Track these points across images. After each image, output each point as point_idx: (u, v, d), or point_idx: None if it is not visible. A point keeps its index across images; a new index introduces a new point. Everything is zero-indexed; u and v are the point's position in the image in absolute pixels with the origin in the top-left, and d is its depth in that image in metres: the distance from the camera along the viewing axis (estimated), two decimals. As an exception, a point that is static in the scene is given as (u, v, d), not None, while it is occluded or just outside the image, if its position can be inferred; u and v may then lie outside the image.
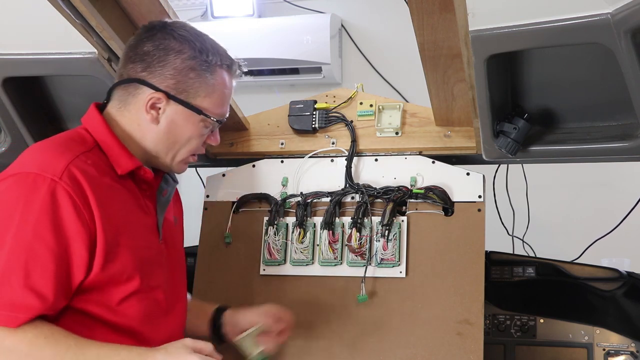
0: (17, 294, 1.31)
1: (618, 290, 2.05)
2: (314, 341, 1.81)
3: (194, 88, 1.50)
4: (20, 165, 1.40)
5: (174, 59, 1.49)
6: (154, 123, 1.50)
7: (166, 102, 1.49)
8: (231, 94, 1.59)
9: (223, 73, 1.54)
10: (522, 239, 2.61)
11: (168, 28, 1.51)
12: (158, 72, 1.49)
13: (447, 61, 1.63)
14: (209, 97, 1.52)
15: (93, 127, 1.51)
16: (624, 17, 1.22)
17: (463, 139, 1.89)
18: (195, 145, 1.56)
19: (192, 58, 1.49)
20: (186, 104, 1.50)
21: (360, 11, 3.69)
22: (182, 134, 1.52)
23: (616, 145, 1.60)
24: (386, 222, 1.82)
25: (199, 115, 1.51)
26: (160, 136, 1.52)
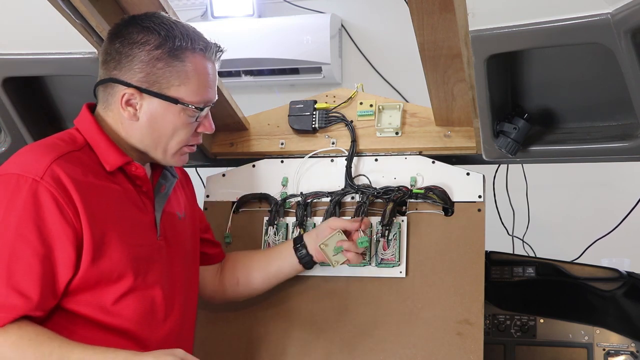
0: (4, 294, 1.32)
1: (618, 290, 2.05)
2: (313, 341, 1.81)
3: (165, 78, 1.47)
4: (4, 167, 1.41)
5: (139, 52, 1.46)
6: (134, 120, 1.49)
7: (140, 97, 1.47)
8: (212, 77, 1.53)
9: (196, 58, 1.49)
10: (522, 239, 2.61)
11: (134, 21, 1.49)
12: (127, 68, 1.47)
13: (447, 61, 1.63)
14: (183, 85, 1.48)
15: (83, 126, 1.51)
16: (624, 17, 1.22)
17: (463, 139, 1.89)
18: (185, 136, 1.52)
19: (157, 47, 1.46)
20: (160, 95, 1.47)
21: (360, 11, 3.69)
22: (165, 126, 1.50)
23: (616, 145, 1.60)
24: (386, 222, 1.82)
25: (177, 105, 1.48)
26: (144, 132, 1.50)
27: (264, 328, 1.85)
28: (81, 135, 1.50)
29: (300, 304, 1.86)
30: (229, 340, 1.87)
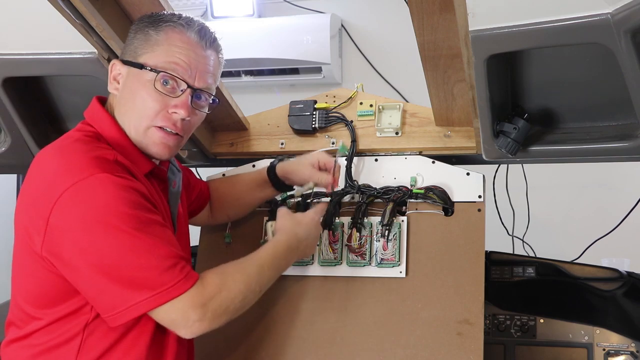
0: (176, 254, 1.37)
1: (618, 290, 2.05)
2: (313, 341, 1.81)
3: (139, 47, 1.50)
4: (70, 171, 1.36)
5: (130, 33, 1.54)
6: (117, 93, 1.52)
7: (120, 68, 1.51)
8: (190, 54, 1.49)
9: (175, 31, 1.50)
10: (522, 239, 2.61)
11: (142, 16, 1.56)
12: (123, 49, 1.55)
13: (447, 61, 1.63)
14: (151, 52, 1.49)
15: (101, 124, 1.50)
16: (624, 17, 1.22)
17: (463, 139, 1.89)
18: (153, 111, 1.47)
19: (140, 22, 1.52)
20: (130, 62, 1.49)
21: (360, 11, 3.70)
22: (135, 94, 1.48)
23: (616, 145, 1.60)
24: (386, 222, 1.82)
25: (141, 69, 1.47)
26: (122, 104, 1.51)
27: (264, 328, 1.85)
28: (98, 131, 1.50)
29: (300, 304, 1.86)
30: (228, 340, 1.86)
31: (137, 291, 1.33)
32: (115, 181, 1.35)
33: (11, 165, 2.11)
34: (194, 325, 1.38)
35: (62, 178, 1.35)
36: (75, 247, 1.33)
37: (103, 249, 1.32)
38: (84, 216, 1.32)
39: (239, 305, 1.45)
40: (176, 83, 1.49)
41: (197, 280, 1.38)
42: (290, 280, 1.88)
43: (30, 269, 1.41)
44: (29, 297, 1.44)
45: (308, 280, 1.87)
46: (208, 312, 1.38)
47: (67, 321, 1.41)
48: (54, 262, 1.36)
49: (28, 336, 1.44)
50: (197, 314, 1.37)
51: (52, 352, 1.42)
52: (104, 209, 1.33)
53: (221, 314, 1.41)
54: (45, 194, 1.35)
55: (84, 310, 1.41)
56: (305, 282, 1.87)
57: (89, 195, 1.33)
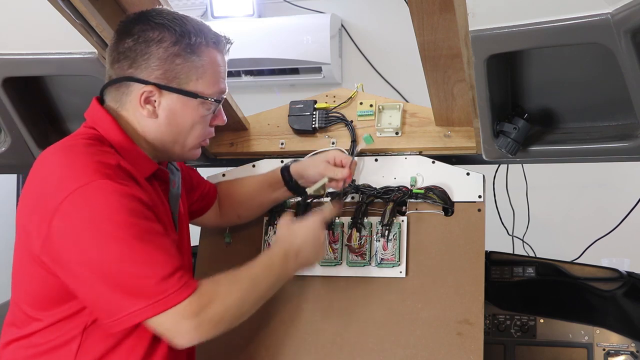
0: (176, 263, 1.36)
1: (618, 290, 2.05)
2: (313, 341, 1.81)
3: (184, 73, 1.48)
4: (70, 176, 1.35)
5: (156, 49, 1.46)
6: (153, 117, 1.48)
7: (159, 94, 1.47)
8: (225, 69, 1.56)
9: (211, 51, 1.51)
10: (522, 239, 2.61)
11: (144, 18, 1.48)
12: (144, 66, 1.46)
13: (447, 61, 1.63)
14: (201, 79, 1.49)
15: (103, 126, 1.49)
16: (624, 17, 1.22)
17: (463, 139, 1.89)
18: (202, 130, 1.54)
19: (174, 44, 1.46)
20: (180, 90, 1.48)
21: (360, 11, 3.70)
22: (184, 121, 1.50)
23: (616, 145, 1.60)
24: (386, 222, 1.82)
25: (196, 99, 1.49)
26: (163, 129, 1.50)
27: (264, 328, 1.85)
28: (101, 134, 1.48)
29: (300, 304, 1.86)
30: (228, 340, 1.86)
31: (134, 299, 1.32)
32: (116, 188, 1.34)
33: (11, 165, 2.11)
34: (188, 335, 1.37)
35: (64, 183, 1.34)
36: (75, 253, 1.33)
37: (102, 256, 1.32)
38: (84, 222, 1.32)
39: (234, 315, 1.43)
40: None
41: (194, 290, 1.36)
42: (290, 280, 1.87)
43: (29, 270, 1.41)
44: (28, 298, 1.44)
45: (308, 281, 1.87)
46: (203, 322, 1.36)
47: (65, 323, 1.41)
48: (52, 266, 1.36)
49: (28, 337, 1.44)
50: (192, 324, 1.35)
51: (50, 353, 1.41)
52: (104, 216, 1.32)
53: (216, 324, 1.39)
54: (48, 198, 1.34)
55: (82, 313, 1.41)
56: (305, 282, 1.87)
57: (91, 201, 1.32)
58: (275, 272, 1.54)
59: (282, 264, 1.55)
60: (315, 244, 1.63)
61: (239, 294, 1.44)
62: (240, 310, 1.45)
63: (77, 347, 1.41)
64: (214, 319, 1.38)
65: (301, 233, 1.62)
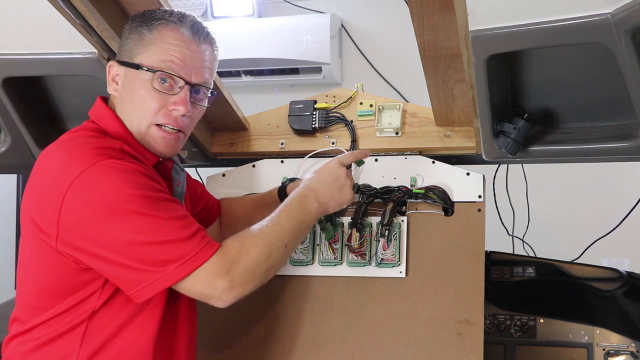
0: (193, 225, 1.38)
1: (618, 290, 2.05)
2: (313, 341, 1.81)
3: (133, 47, 1.50)
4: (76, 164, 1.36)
5: (124, 33, 1.53)
6: (117, 94, 1.52)
7: (117, 69, 1.51)
8: (184, 51, 1.50)
9: (167, 28, 1.50)
10: (522, 239, 2.61)
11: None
12: (119, 50, 1.55)
13: (447, 61, 1.63)
14: (145, 52, 1.49)
15: (105, 122, 1.51)
16: (624, 17, 1.22)
17: (463, 139, 1.89)
18: (153, 110, 1.49)
19: (133, 22, 1.52)
20: (126, 63, 1.50)
21: (360, 11, 3.70)
22: (134, 95, 1.50)
23: (616, 145, 1.60)
24: (386, 222, 1.82)
25: (137, 70, 1.48)
26: (122, 104, 1.52)
27: (264, 328, 1.85)
28: (103, 128, 1.50)
29: (300, 304, 1.86)
30: (228, 340, 1.87)
31: (160, 266, 1.34)
32: (121, 166, 1.36)
33: (11, 165, 2.11)
34: (224, 294, 1.39)
35: (69, 169, 1.36)
36: (92, 235, 1.34)
37: (119, 234, 1.33)
38: (95, 203, 1.34)
39: (266, 266, 1.45)
40: (173, 81, 1.49)
41: (218, 248, 1.39)
42: (291, 280, 1.88)
43: (42, 262, 1.41)
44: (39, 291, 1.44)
45: (308, 280, 1.87)
46: (235, 279, 1.38)
47: (74, 310, 1.42)
48: (71, 252, 1.37)
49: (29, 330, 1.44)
50: (224, 282, 1.37)
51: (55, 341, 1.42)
52: (115, 194, 1.34)
53: (249, 279, 1.41)
54: (54, 186, 1.36)
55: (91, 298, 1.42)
56: (305, 282, 1.87)
57: (98, 182, 1.34)
58: (295, 215, 1.54)
59: (301, 206, 1.56)
60: (334, 181, 1.63)
61: (264, 246, 1.45)
62: (269, 261, 1.46)
63: (83, 331, 1.42)
64: (245, 274, 1.40)
65: (317, 173, 1.64)
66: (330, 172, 1.64)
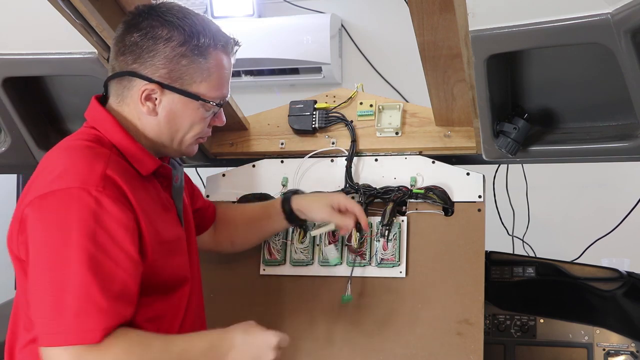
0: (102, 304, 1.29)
1: (618, 290, 2.05)
2: (313, 341, 1.81)
3: (189, 74, 1.45)
4: (55, 178, 1.34)
5: (163, 48, 1.43)
6: (152, 115, 1.47)
7: (161, 92, 1.45)
8: (230, 72, 1.53)
9: (218, 54, 1.48)
10: (522, 239, 2.61)
11: (154, 13, 1.45)
12: (149, 63, 1.44)
13: (447, 61, 1.63)
14: (205, 82, 1.47)
15: (104, 127, 1.47)
16: (624, 17, 1.22)
17: (463, 139, 1.89)
18: (200, 129, 1.52)
19: (182, 44, 1.43)
20: (182, 91, 1.46)
21: (360, 11, 3.69)
22: (183, 121, 1.49)
23: (616, 145, 1.60)
24: (386, 222, 1.82)
25: (197, 101, 1.47)
26: (162, 127, 1.49)
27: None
28: (102, 134, 1.47)
29: (300, 304, 1.86)
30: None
31: (52, 320, 1.28)
32: (88, 202, 1.31)
33: (11, 165, 2.11)
34: None
35: (50, 181, 1.35)
36: (31, 253, 1.33)
37: (46, 264, 1.30)
38: (46, 226, 1.31)
39: None
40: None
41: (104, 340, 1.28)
42: (290, 280, 1.88)
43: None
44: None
45: (308, 280, 1.87)
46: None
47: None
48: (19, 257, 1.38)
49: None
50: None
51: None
52: (64, 228, 1.30)
53: None
54: (31, 189, 1.37)
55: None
56: (305, 282, 1.87)
57: (60, 208, 1.31)
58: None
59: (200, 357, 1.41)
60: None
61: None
62: None
63: None
64: None
65: (244, 340, 1.46)
66: (259, 350, 1.48)
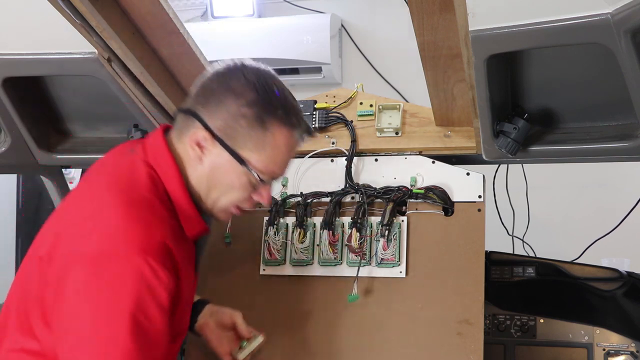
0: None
1: (618, 290, 2.05)
2: (313, 341, 1.81)
3: (242, 137, 1.41)
4: (111, 238, 1.31)
5: (230, 102, 1.41)
6: (198, 162, 1.44)
7: (212, 143, 1.42)
8: (289, 155, 1.47)
9: (282, 132, 1.42)
10: (522, 239, 2.61)
11: (241, 67, 1.44)
12: (212, 110, 1.42)
13: (447, 61, 1.63)
14: (257, 152, 1.42)
15: (163, 170, 1.44)
16: (624, 17, 1.22)
17: (463, 139, 1.89)
18: (237, 198, 1.47)
19: (248, 105, 1.40)
20: (231, 150, 1.41)
21: (360, 11, 3.70)
22: (223, 181, 1.44)
23: (616, 145, 1.60)
24: (386, 222, 1.82)
25: (242, 166, 1.42)
26: (202, 177, 1.45)
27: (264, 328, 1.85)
28: (158, 177, 1.43)
29: (300, 304, 1.86)
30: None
31: None
32: (146, 274, 1.29)
33: (11, 165, 2.11)
34: None
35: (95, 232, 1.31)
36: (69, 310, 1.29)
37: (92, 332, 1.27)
38: (96, 292, 1.28)
39: None
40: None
41: None
42: (290, 280, 1.88)
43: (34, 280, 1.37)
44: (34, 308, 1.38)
45: (308, 280, 1.87)
46: None
47: None
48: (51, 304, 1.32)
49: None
50: None
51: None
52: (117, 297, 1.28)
53: None
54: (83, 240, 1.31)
55: None
56: (305, 282, 1.87)
57: (111, 276, 1.28)
58: None
59: None
60: None
61: None
62: None
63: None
64: None
65: None
66: None
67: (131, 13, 1.70)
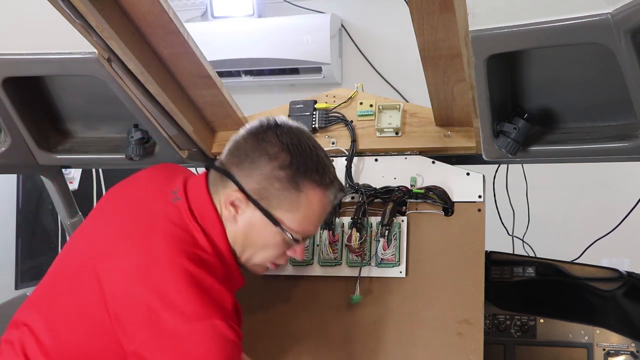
0: None
1: (618, 290, 2.05)
2: (313, 341, 1.81)
3: (277, 199, 1.45)
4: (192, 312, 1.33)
5: (264, 164, 1.45)
6: (231, 221, 1.47)
7: (246, 204, 1.46)
8: (321, 215, 1.51)
9: (316, 193, 1.47)
10: (522, 239, 2.61)
11: (275, 128, 1.47)
12: (247, 172, 1.46)
13: (447, 61, 1.62)
14: (290, 213, 1.46)
15: (214, 232, 1.47)
16: (624, 17, 1.22)
17: (463, 139, 1.89)
18: (273, 255, 1.52)
19: (282, 168, 1.44)
20: (265, 211, 1.46)
21: (360, 11, 3.70)
22: (257, 240, 1.48)
23: (616, 145, 1.59)
24: (386, 222, 1.82)
25: (276, 227, 1.46)
26: (237, 236, 1.48)
27: (263, 328, 1.85)
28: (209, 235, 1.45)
29: (300, 304, 1.86)
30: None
31: None
32: (232, 337, 1.33)
33: (11, 165, 2.11)
34: None
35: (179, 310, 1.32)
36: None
37: None
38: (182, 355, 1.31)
39: None
40: None
41: None
42: (290, 280, 1.88)
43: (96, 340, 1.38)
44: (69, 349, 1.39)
45: (308, 280, 1.87)
46: None
47: None
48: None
49: None
50: None
51: None
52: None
53: None
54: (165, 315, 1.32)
55: None
56: (305, 282, 1.87)
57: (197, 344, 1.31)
58: None
59: None
60: None
61: None
62: None
63: None
64: None
65: None
66: None
67: (131, 13, 1.69)
